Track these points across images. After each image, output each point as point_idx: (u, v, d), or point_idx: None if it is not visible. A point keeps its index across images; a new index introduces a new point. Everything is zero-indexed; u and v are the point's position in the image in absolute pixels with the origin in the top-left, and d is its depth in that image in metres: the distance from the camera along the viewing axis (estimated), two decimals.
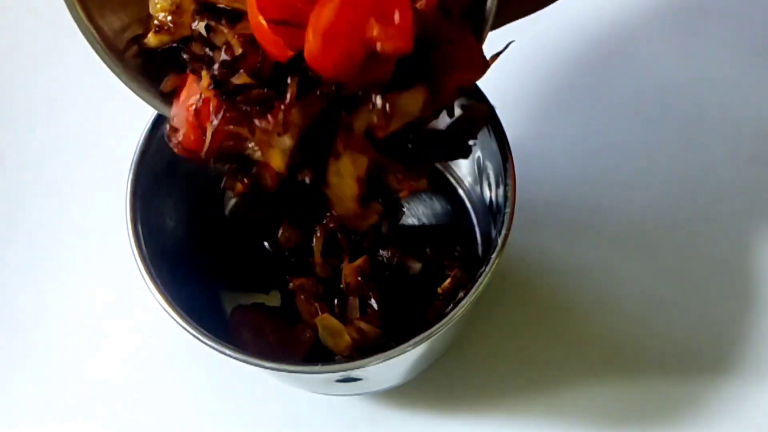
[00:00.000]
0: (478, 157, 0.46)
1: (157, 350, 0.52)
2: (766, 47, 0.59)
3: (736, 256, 0.53)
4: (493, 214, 0.45)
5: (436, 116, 0.36)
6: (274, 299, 0.49)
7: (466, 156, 0.39)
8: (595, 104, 0.58)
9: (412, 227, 0.50)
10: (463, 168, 0.51)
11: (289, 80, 0.32)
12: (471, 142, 0.40)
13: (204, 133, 0.35)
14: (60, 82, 0.61)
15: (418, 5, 0.32)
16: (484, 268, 0.40)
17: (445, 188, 0.52)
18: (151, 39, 0.37)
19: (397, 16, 0.30)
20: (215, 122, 0.34)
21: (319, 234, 0.42)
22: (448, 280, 0.43)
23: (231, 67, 0.33)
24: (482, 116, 0.40)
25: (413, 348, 0.39)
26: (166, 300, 0.40)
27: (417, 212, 0.51)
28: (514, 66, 0.59)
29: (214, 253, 0.49)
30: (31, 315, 0.54)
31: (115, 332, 0.53)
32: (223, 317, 0.48)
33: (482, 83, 0.43)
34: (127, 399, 0.52)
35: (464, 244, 0.49)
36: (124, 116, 0.57)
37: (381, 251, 0.44)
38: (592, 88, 0.58)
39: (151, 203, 0.43)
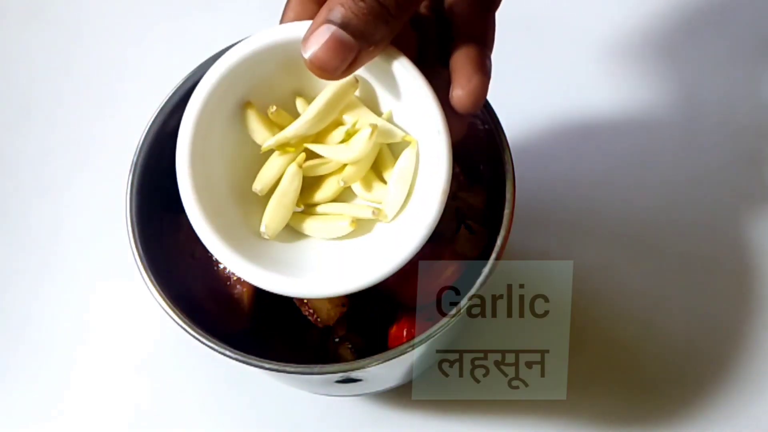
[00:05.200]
0: (479, 158, 0.46)
1: (157, 350, 0.52)
2: (765, 45, 0.59)
3: (736, 256, 0.53)
4: (492, 214, 0.45)
5: None
6: None
7: None
8: (596, 104, 0.57)
9: None
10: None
11: None
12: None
13: None
14: (60, 84, 0.61)
15: None
16: (483, 269, 0.40)
17: None
18: None
19: None
20: None
21: None
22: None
23: None
24: None
25: (413, 349, 0.39)
26: (166, 301, 0.40)
27: None
28: (514, 67, 0.59)
29: None
30: (29, 316, 0.54)
31: (115, 333, 0.53)
32: None
33: None
34: (126, 399, 0.52)
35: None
36: (125, 116, 0.57)
37: None
38: (592, 89, 0.58)
39: (151, 203, 0.43)
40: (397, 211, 0.37)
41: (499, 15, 0.38)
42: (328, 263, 0.38)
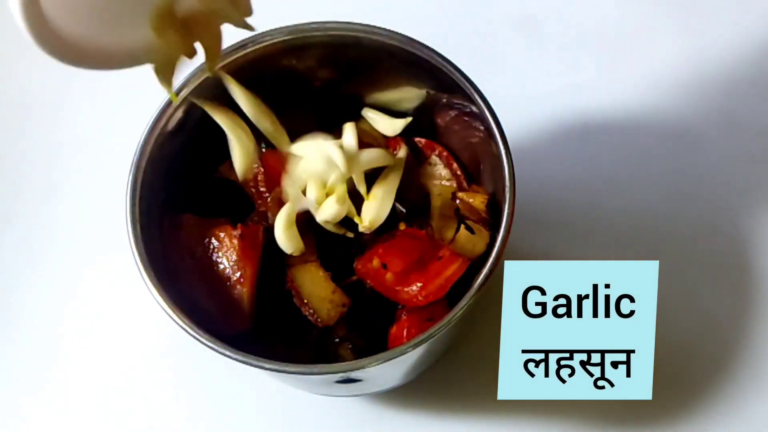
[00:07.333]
0: (479, 158, 0.46)
1: (157, 350, 0.52)
2: (766, 44, 0.59)
3: (737, 255, 0.53)
4: (492, 214, 0.45)
5: None
6: None
7: None
8: (595, 104, 0.57)
9: None
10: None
11: None
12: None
13: None
14: (61, 83, 0.61)
15: None
16: (483, 269, 0.40)
17: None
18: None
19: None
20: None
21: None
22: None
23: None
24: None
25: (413, 349, 0.39)
26: (166, 301, 0.40)
27: None
28: (514, 67, 0.59)
29: None
30: (29, 316, 0.54)
31: (115, 333, 0.53)
32: None
33: (484, 87, 0.43)
34: (125, 399, 0.52)
35: None
36: (125, 116, 0.57)
37: None
38: (592, 89, 0.58)
39: (151, 203, 0.43)
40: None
41: (500, 14, 0.38)
42: None
